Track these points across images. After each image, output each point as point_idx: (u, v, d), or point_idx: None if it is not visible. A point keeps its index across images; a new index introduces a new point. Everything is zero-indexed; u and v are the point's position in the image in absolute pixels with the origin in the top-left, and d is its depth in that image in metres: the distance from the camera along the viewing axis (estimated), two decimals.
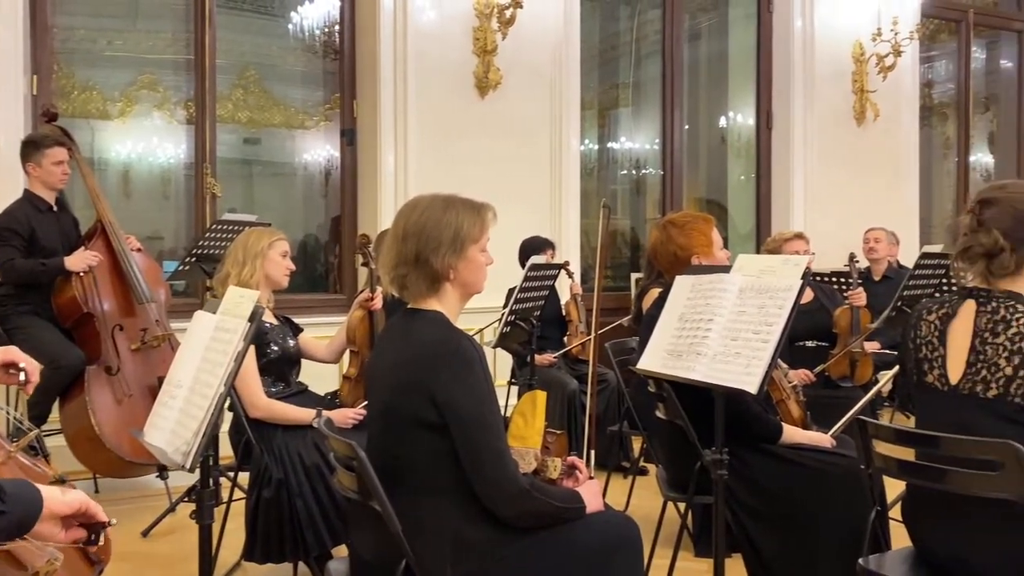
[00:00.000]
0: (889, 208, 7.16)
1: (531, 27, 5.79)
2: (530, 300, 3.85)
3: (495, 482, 1.95)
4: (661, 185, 7.07)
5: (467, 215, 2.12)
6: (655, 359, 2.69)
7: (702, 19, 7.79)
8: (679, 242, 3.14)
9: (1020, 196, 2.19)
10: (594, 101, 7.41)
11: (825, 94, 7.11)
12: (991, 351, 2.13)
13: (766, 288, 2.55)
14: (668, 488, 3.05)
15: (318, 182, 6.33)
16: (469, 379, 1.95)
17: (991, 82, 8.93)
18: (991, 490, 2.02)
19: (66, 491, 1.38)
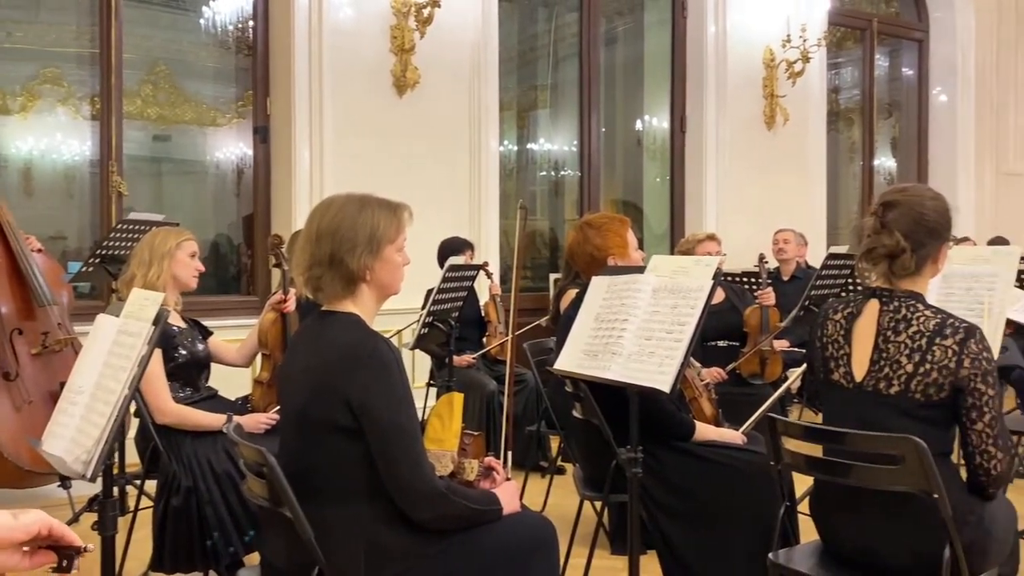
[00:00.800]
0: (798, 210, 7.37)
1: (449, 27, 5.77)
2: (448, 301, 3.83)
3: (411, 486, 1.93)
4: (579, 186, 7.12)
5: (383, 215, 2.09)
6: (571, 359, 2.71)
7: (618, 23, 7.89)
8: (596, 243, 3.17)
9: (920, 199, 2.27)
10: (513, 102, 7.43)
11: (737, 98, 7.27)
12: (893, 349, 2.21)
13: (679, 288, 2.59)
14: (584, 487, 3.07)
15: (230, 181, 6.18)
16: (385, 382, 1.92)
17: (893, 89, 9.28)
18: (893, 484, 2.09)
19: (20, 514, 1.22)
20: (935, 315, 2.20)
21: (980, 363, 2.13)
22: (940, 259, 2.31)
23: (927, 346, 2.16)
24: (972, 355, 2.13)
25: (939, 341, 2.15)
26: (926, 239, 2.25)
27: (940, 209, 2.28)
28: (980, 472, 2.20)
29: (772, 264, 5.77)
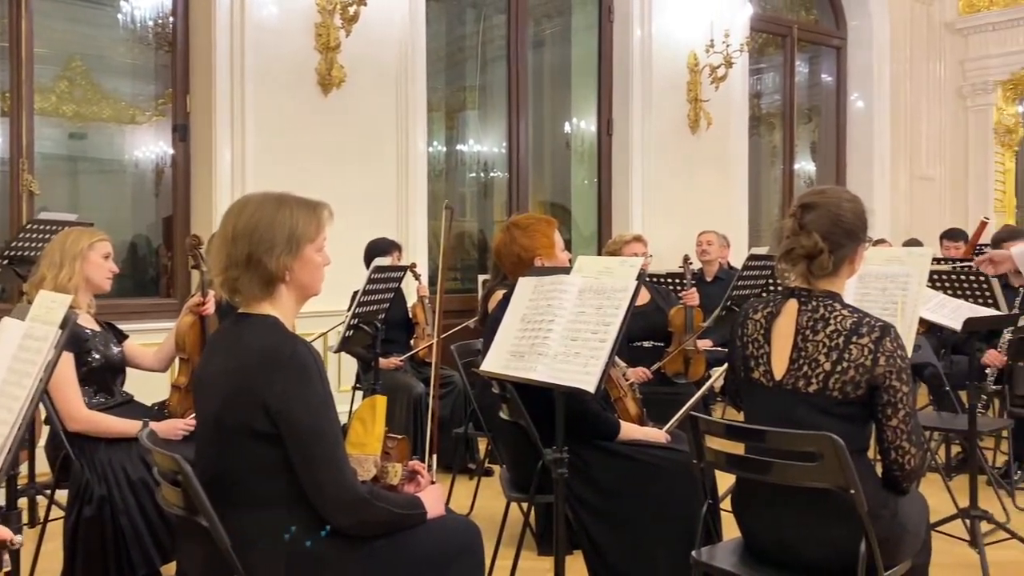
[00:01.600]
0: (720, 212, 7.50)
1: (376, 25, 5.71)
2: (374, 303, 3.78)
3: (332, 491, 1.89)
4: (507, 188, 7.12)
5: (302, 214, 2.04)
6: (498, 360, 2.70)
7: (546, 26, 7.92)
8: (522, 243, 3.17)
9: (837, 201, 2.33)
10: (442, 103, 7.39)
11: (662, 102, 7.37)
12: (812, 348, 2.25)
13: (604, 289, 2.61)
14: (511, 489, 3.06)
15: (150, 180, 6.00)
16: (304, 386, 1.88)
17: (813, 94, 9.52)
18: (812, 480, 2.13)
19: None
20: (852, 314, 2.25)
21: (895, 361, 2.19)
22: (857, 260, 2.37)
23: (844, 345, 2.21)
24: (887, 353, 2.18)
25: (855, 340, 2.20)
26: (843, 240, 2.30)
27: (857, 211, 2.34)
28: (895, 467, 2.26)
29: (696, 265, 5.86)
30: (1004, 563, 3.51)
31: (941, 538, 3.58)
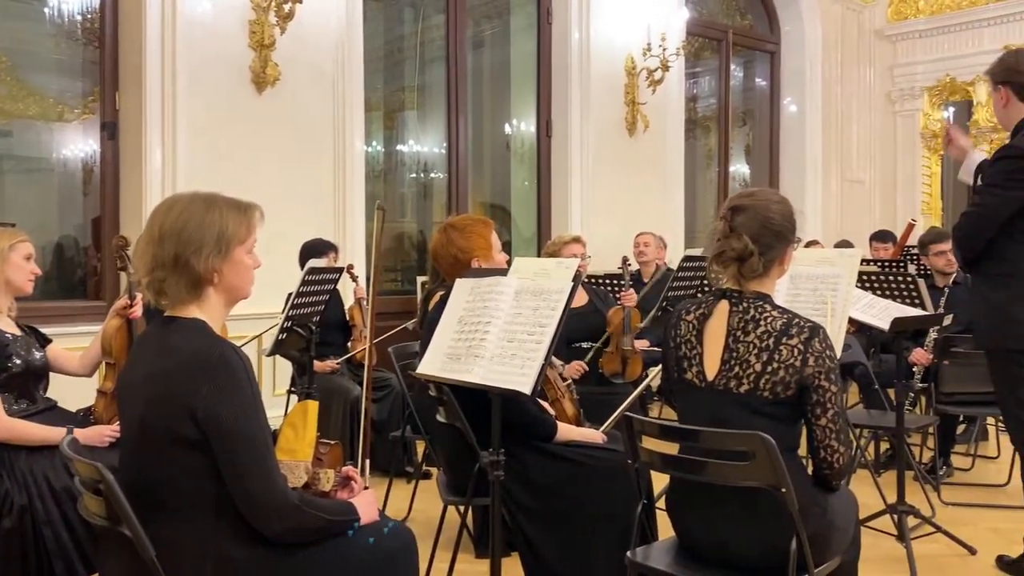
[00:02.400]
0: (657, 213, 7.58)
1: (312, 23, 5.63)
2: (308, 305, 3.72)
3: (261, 499, 1.85)
4: (447, 189, 7.10)
5: (232, 215, 2.00)
6: (435, 363, 2.68)
7: (486, 27, 7.91)
8: (459, 245, 3.15)
9: (766, 203, 2.36)
10: (380, 103, 7.33)
11: (600, 105, 7.41)
12: (743, 348, 2.28)
13: (540, 290, 2.61)
14: (447, 492, 3.04)
15: (78, 179, 5.82)
16: (232, 391, 1.84)
17: (748, 98, 9.69)
18: (744, 479, 2.16)
19: None
20: (782, 315, 2.28)
21: (823, 361, 2.23)
22: (786, 261, 2.41)
23: (774, 345, 2.24)
24: (816, 354, 2.22)
25: (785, 340, 2.24)
26: (773, 242, 2.33)
27: (785, 213, 2.38)
28: (824, 465, 2.30)
29: (634, 266, 5.91)
30: (930, 556, 3.61)
31: (870, 533, 3.67)
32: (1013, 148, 3.10)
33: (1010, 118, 3.18)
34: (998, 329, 3.13)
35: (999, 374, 3.19)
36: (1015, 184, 3.05)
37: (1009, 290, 3.11)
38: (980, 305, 3.22)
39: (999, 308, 3.12)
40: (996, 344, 3.17)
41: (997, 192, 3.06)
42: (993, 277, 3.14)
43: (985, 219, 3.09)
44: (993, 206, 3.07)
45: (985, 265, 3.15)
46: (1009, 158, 3.08)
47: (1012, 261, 3.10)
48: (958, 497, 4.43)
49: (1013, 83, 3.15)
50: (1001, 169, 3.08)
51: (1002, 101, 3.18)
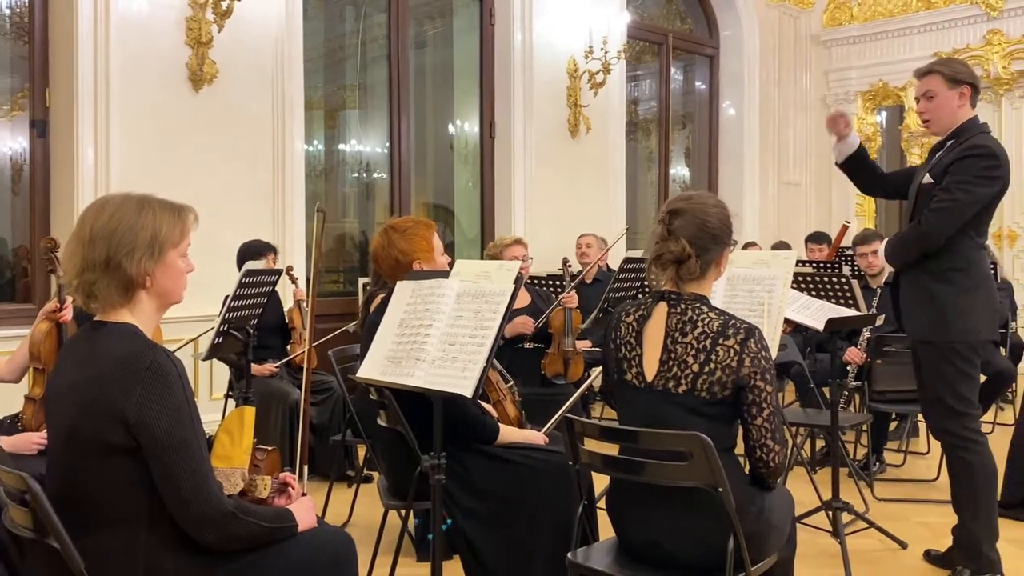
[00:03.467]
0: (599, 215, 7.63)
1: (250, 21, 5.55)
2: (245, 308, 3.66)
3: (195, 507, 1.81)
4: (390, 189, 7.05)
5: (166, 217, 1.96)
6: (375, 366, 2.66)
7: (428, 27, 7.88)
8: (400, 247, 3.13)
9: (703, 207, 2.39)
10: (322, 101, 7.25)
11: (543, 106, 7.44)
12: (681, 349, 2.31)
13: (482, 293, 2.61)
14: (388, 496, 3.02)
15: (7, 178, 5.65)
16: (165, 397, 1.80)
17: (687, 101, 9.81)
18: (682, 479, 2.19)
19: None
20: (718, 317, 2.32)
21: (759, 362, 2.27)
22: (722, 263, 2.44)
23: (711, 346, 2.27)
24: (752, 354, 2.26)
25: (722, 341, 2.27)
26: (710, 244, 2.37)
27: (722, 216, 2.41)
28: (760, 464, 2.34)
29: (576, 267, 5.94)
30: (863, 551, 3.70)
31: (805, 530, 3.74)
32: (979, 147, 3.18)
33: (957, 118, 3.26)
34: (946, 321, 3.21)
35: (937, 364, 3.27)
36: (984, 181, 3.14)
37: (956, 284, 3.20)
38: (922, 298, 3.28)
39: (947, 301, 3.21)
40: (939, 336, 3.24)
41: (968, 188, 3.14)
42: (941, 272, 3.22)
43: (956, 214, 3.15)
44: (965, 202, 3.14)
45: (932, 260, 3.23)
46: (978, 156, 3.16)
47: (964, 256, 3.21)
48: (890, 493, 4.54)
49: (973, 86, 3.26)
50: (971, 166, 3.15)
51: (961, 100, 3.25)
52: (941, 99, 3.28)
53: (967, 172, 3.14)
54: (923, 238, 3.21)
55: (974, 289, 3.22)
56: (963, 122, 3.26)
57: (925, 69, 3.37)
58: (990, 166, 3.15)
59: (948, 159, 3.22)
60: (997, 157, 3.18)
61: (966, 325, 3.21)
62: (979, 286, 3.24)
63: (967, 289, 3.21)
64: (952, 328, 3.21)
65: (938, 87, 3.29)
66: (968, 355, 3.24)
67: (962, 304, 3.20)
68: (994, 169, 3.16)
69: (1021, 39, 8.46)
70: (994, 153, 3.17)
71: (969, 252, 3.22)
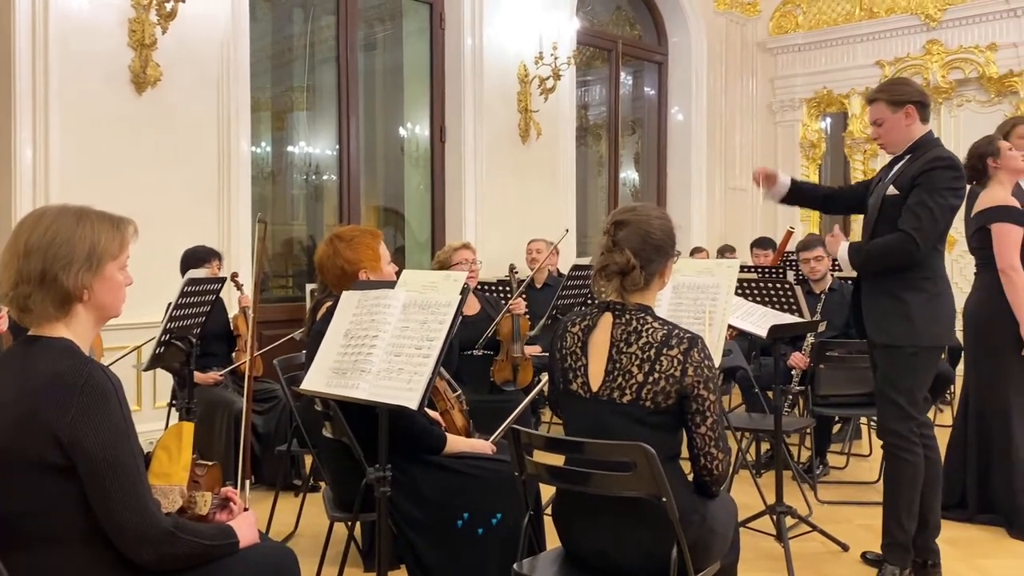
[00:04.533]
0: (550, 219, 7.65)
1: (196, 23, 5.46)
2: (188, 317, 3.60)
3: (132, 526, 1.77)
4: (338, 192, 6.99)
5: (104, 229, 1.92)
6: (320, 378, 2.63)
7: (378, 29, 7.84)
8: (346, 256, 3.11)
9: (647, 218, 2.42)
10: (270, 103, 7.17)
11: (493, 111, 7.45)
12: (625, 360, 2.33)
13: (428, 303, 2.60)
14: (334, 508, 3.00)
15: None
16: (100, 415, 1.76)
17: (637, 107, 9.89)
18: (627, 489, 2.20)
19: None
20: (662, 326, 2.34)
21: (702, 371, 2.29)
22: (666, 274, 2.47)
23: (655, 356, 2.30)
24: (695, 364, 2.29)
25: (666, 351, 2.29)
26: (653, 256, 2.39)
27: (665, 228, 2.44)
28: (704, 472, 2.37)
29: (526, 273, 5.95)
30: (807, 554, 3.77)
31: (750, 534, 3.80)
32: (943, 159, 3.26)
33: (910, 136, 3.36)
34: (913, 327, 3.30)
35: (898, 367, 3.34)
36: (952, 192, 3.25)
37: (926, 291, 3.30)
38: (891, 305, 3.35)
39: (917, 307, 3.29)
40: (908, 340, 3.31)
41: (942, 200, 3.23)
42: (911, 280, 3.31)
43: (938, 225, 3.25)
44: (941, 216, 3.24)
45: (901, 269, 3.31)
46: (943, 168, 3.24)
47: (931, 265, 3.31)
48: (833, 495, 4.63)
49: (918, 103, 3.34)
50: (940, 177, 3.23)
51: (909, 120, 3.34)
52: (889, 123, 3.39)
53: (937, 184, 3.23)
54: (910, 254, 3.27)
55: (939, 296, 3.34)
56: (917, 138, 3.36)
57: (870, 97, 3.48)
58: (956, 177, 3.27)
59: (913, 170, 3.29)
60: (959, 168, 3.30)
61: (933, 330, 3.33)
62: (943, 293, 3.36)
63: (934, 296, 3.33)
64: (921, 333, 3.30)
65: (883, 113, 3.39)
66: (930, 361, 3.36)
67: (930, 311, 3.31)
68: (959, 180, 3.29)
69: (958, 49, 8.69)
70: (956, 164, 3.29)
71: (934, 261, 3.34)
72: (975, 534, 4.03)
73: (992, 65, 8.48)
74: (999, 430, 4.09)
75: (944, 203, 3.24)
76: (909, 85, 3.47)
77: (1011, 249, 3.95)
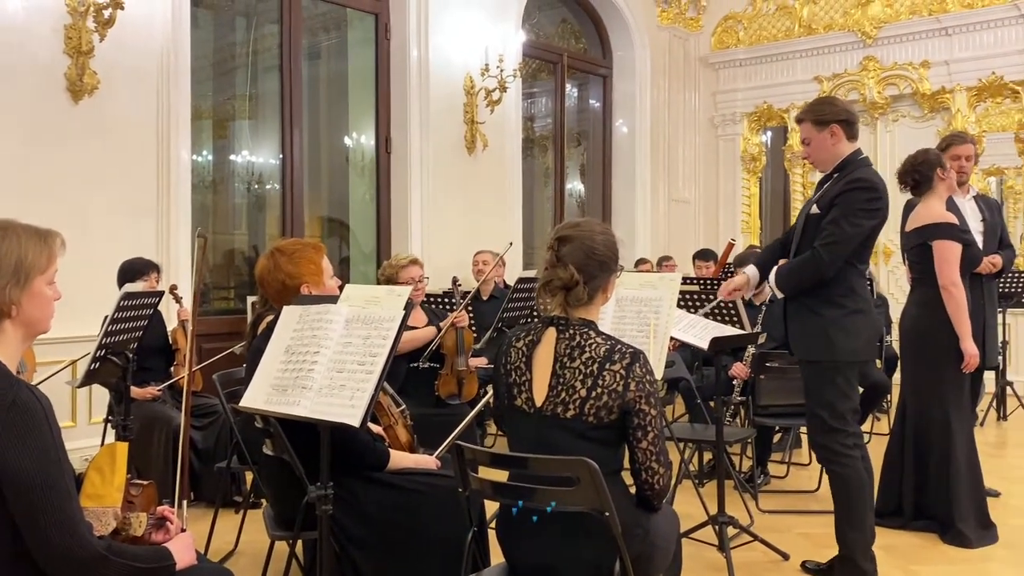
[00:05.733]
0: (496, 231, 7.66)
1: (135, 29, 5.36)
2: (124, 332, 3.51)
3: (63, 550, 1.72)
4: (281, 201, 6.91)
5: (31, 243, 1.86)
6: (260, 394, 2.59)
7: (323, 38, 7.78)
8: (287, 270, 3.05)
9: (590, 234, 2.43)
10: (211, 111, 7.07)
11: (440, 122, 7.44)
12: (569, 374, 2.34)
13: (371, 319, 2.57)
14: (274, 526, 2.94)
15: None
16: (29, 436, 1.71)
17: (582, 119, 9.97)
18: (571, 504, 2.21)
19: None
20: (605, 342, 2.36)
21: (644, 386, 2.31)
22: (609, 289, 2.49)
23: (598, 371, 2.31)
24: (637, 378, 2.30)
25: (608, 366, 2.30)
26: (597, 271, 2.41)
27: (608, 243, 2.46)
28: (646, 487, 2.38)
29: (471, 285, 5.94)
30: (748, 564, 3.81)
31: (692, 544, 3.84)
32: (861, 180, 3.34)
33: (837, 154, 3.42)
34: (829, 342, 3.36)
35: (818, 382, 3.42)
36: (866, 214, 3.31)
37: (842, 308, 3.36)
38: (809, 321, 3.42)
39: (832, 323, 3.36)
40: (825, 355, 3.38)
41: (854, 221, 3.30)
42: (828, 296, 3.37)
43: (845, 246, 3.31)
44: (852, 234, 3.31)
45: (818, 287, 3.38)
46: (860, 189, 3.32)
47: (848, 283, 3.37)
48: (774, 504, 4.70)
49: (844, 122, 3.40)
50: (855, 199, 3.31)
51: (834, 139, 3.41)
52: (815, 143, 3.47)
53: (852, 205, 3.31)
54: (818, 270, 3.35)
55: (856, 313, 3.39)
56: (844, 156, 3.42)
57: (798, 117, 3.57)
58: (871, 199, 3.33)
59: (834, 191, 3.38)
60: (877, 189, 3.35)
61: (849, 346, 3.38)
62: (861, 310, 3.41)
63: (851, 312, 3.38)
64: (837, 348, 3.36)
65: (810, 132, 3.48)
66: (849, 375, 3.42)
67: (846, 326, 3.37)
68: (875, 201, 3.34)
69: (893, 66, 8.94)
70: (875, 186, 3.35)
71: (852, 279, 3.39)
72: (910, 541, 4.12)
73: (925, 82, 8.75)
74: (938, 440, 4.17)
75: (856, 223, 3.30)
76: (834, 105, 3.52)
77: (952, 266, 4.05)
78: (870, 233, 3.39)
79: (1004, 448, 6.24)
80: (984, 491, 4.25)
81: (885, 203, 3.38)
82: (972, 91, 8.53)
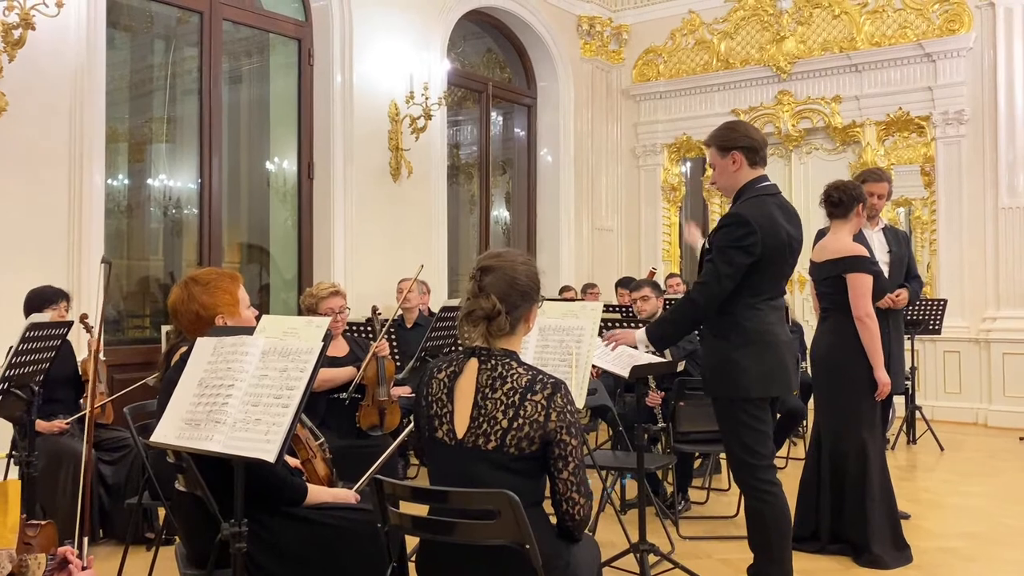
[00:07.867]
0: (421, 258, 7.60)
1: (46, 51, 5.21)
2: (29, 364, 3.37)
3: None
4: (199, 226, 6.76)
5: None
6: (171, 429, 2.50)
7: (244, 62, 7.68)
8: (202, 301, 2.96)
9: (512, 264, 2.44)
10: (127, 134, 6.89)
11: (364, 149, 7.40)
12: (491, 405, 2.32)
13: (289, 351, 2.52)
14: (186, 564, 2.84)
15: None
16: None
17: (507, 148, 10.05)
18: (491, 537, 2.19)
19: None
20: (527, 372, 2.35)
21: (565, 416, 2.31)
22: (531, 319, 2.49)
23: (520, 401, 2.30)
24: (558, 409, 2.30)
25: (530, 396, 2.30)
26: (519, 301, 2.41)
27: (531, 273, 2.46)
28: (567, 517, 2.38)
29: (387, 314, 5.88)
30: None
31: (615, 572, 3.85)
32: (732, 216, 3.35)
33: (738, 181, 3.42)
34: (722, 377, 3.38)
35: (723, 417, 3.45)
36: (738, 251, 3.26)
37: (729, 340, 3.35)
38: (707, 356, 3.48)
39: (723, 358, 3.37)
40: (721, 391, 3.41)
41: (725, 260, 3.27)
42: (719, 330, 3.39)
43: (718, 285, 3.29)
44: (724, 273, 3.27)
45: (711, 319, 3.41)
46: (730, 226, 3.31)
47: (732, 315, 3.35)
48: (694, 531, 4.75)
49: (745, 148, 3.39)
50: (727, 236, 3.29)
51: (735, 166, 3.39)
52: (718, 168, 3.48)
53: (723, 242, 3.30)
54: (694, 312, 3.37)
55: (745, 347, 3.33)
56: (743, 184, 3.43)
57: (705, 142, 3.59)
58: (742, 235, 3.26)
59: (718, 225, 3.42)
60: (749, 224, 3.26)
61: (738, 382, 3.33)
62: (761, 344, 3.34)
63: (738, 347, 3.33)
64: (738, 385, 3.34)
65: (714, 158, 3.49)
66: (750, 410, 3.36)
67: (735, 361, 3.33)
68: (747, 237, 3.25)
69: (806, 100, 9.25)
70: (746, 221, 3.26)
71: (740, 313, 3.33)
72: (827, 565, 4.20)
73: (837, 116, 9.07)
74: (854, 465, 4.23)
75: (728, 261, 3.26)
76: (736, 130, 3.48)
77: (867, 299, 4.15)
78: (758, 267, 3.29)
79: (914, 471, 6.44)
80: (897, 514, 4.37)
81: (760, 236, 3.26)
82: (881, 125, 8.87)
